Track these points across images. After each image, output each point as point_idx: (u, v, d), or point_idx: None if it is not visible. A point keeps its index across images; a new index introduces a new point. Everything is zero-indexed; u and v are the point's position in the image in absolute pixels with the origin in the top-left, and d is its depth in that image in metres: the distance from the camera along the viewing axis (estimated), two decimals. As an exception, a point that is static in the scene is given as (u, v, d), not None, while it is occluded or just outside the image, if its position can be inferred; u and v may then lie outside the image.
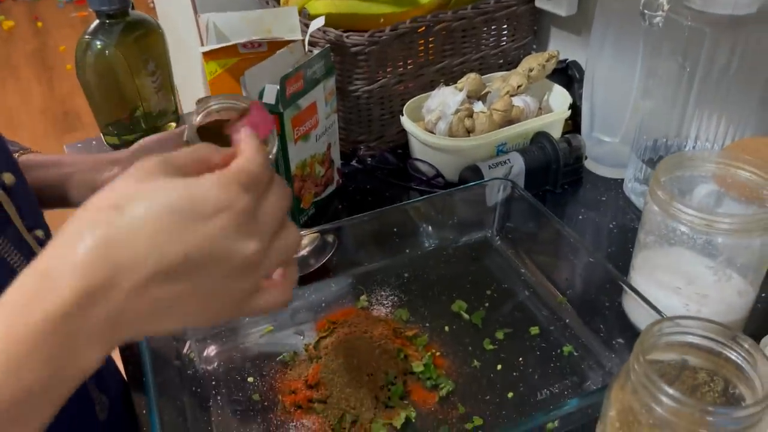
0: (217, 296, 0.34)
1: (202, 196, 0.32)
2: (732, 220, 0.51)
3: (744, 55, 0.63)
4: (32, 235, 0.50)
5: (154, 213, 0.32)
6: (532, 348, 0.60)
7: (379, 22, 0.87)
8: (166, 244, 0.31)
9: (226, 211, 0.33)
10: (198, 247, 0.32)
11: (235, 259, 0.33)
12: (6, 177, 0.49)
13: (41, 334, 0.29)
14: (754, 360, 0.41)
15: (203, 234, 0.32)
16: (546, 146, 0.80)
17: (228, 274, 0.33)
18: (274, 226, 0.35)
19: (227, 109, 0.53)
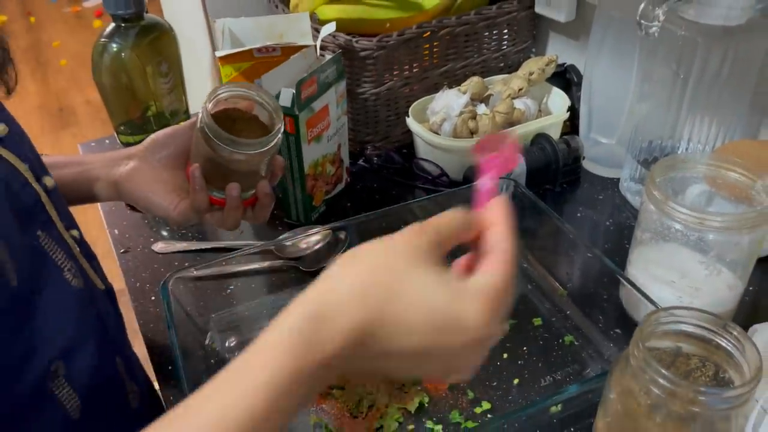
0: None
1: (465, 321, 0.35)
2: (722, 219, 0.55)
3: (734, 63, 0.67)
4: (70, 234, 0.53)
5: (419, 314, 0.35)
6: (536, 338, 0.64)
7: (385, 26, 0.91)
8: (416, 341, 0.35)
9: (481, 341, 0.36)
10: (443, 357, 0.36)
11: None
12: (47, 180, 0.52)
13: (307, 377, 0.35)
14: (743, 346, 0.45)
15: (451, 349, 0.36)
16: (546, 147, 0.84)
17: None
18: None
19: (237, 96, 0.58)
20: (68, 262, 0.51)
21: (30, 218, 0.49)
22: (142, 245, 0.79)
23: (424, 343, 0.36)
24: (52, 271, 0.49)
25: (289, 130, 0.72)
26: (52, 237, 0.50)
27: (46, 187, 0.51)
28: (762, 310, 0.66)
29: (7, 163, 0.48)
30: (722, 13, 0.64)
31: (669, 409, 0.44)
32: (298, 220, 0.80)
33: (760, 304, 0.67)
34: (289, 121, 0.72)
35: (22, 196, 0.48)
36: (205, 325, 0.66)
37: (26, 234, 0.48)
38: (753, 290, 0.68)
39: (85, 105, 3.08)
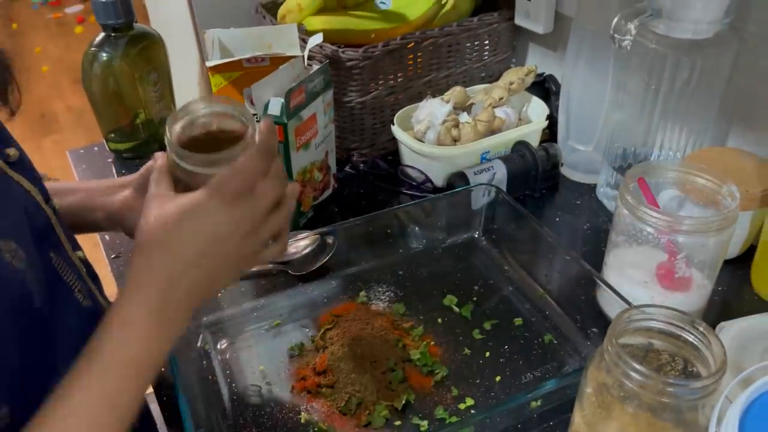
0: (231, 264, 0.48)
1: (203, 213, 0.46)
2: (690, 222, 0.58)
3: (702, 75, 0.71)
4: (77, 255, 0.55)
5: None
6: (516, 337, 0.67)
7: (370, 37, 0.93)
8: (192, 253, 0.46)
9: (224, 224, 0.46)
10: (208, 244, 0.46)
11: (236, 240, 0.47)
12: (54, 202, 0.54)
13: None
14: (709, 341, 0.48)
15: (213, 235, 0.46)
16: (526, 154, 0.87)
17: (235, 249, 0.47)
18: (267, 208, 0.48)
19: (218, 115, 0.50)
20: (78, 283, 0.53)
21: (43, 240, 0.51)
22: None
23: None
24: (65, 292, 0.52)
25: (278, 138, 0.74)
26: (62, 258, 0.52)
27: (54, 208, 0.53)
28: (729, 308, 0.69)
29: (21, 187, 0.50)
30: (690, 27, 0.68)
31: (641, 401, 0.46)
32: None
33: (727, 303, 0.70)
34: (278, 130, 0.74)
35: (36, 218, 0.50)
36: (198, 327, 0.68)
37: (42, 256, 0.50)
38: (721, 290, 0.71)
39: (67, 111, 3.07)
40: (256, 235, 0.48)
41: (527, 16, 0.97)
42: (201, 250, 0.46)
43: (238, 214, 0.46)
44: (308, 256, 0.75)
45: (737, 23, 0.71)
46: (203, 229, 0.46)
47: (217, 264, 0.47)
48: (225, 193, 0.46)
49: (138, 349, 0.44)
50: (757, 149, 0.76)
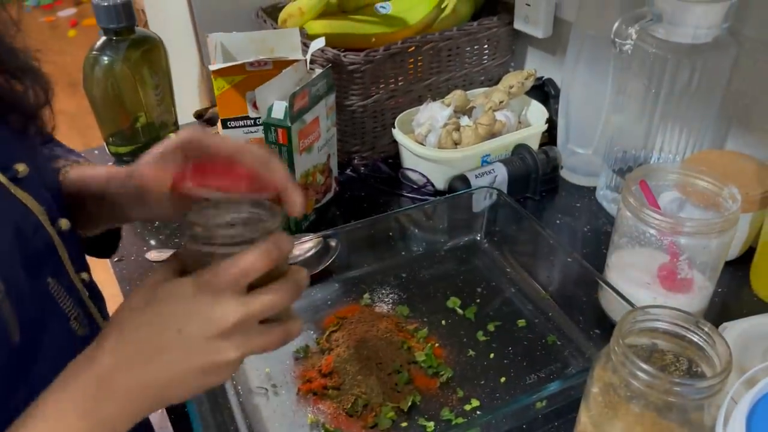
0: (191, 367, 0.40)
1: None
2: (692, 224, 0.59)
3: (701, 78, 0.72)
4: (80, 278, 0.53)
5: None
6: (520, 338, 0.67)
7: (371, 41, 0.94)
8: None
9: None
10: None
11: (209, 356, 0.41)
12: (62, 222, 0.51)
13: None
14: (713, 341, 0.48)
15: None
16: (526, 157, 0.88)
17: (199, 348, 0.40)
18: (253, 315, 0.41)
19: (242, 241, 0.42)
20: (75, 310, 0.51)
21: (41, 264, 0.48)
22: (136, 254, 0.80)
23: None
24: (60, 320, 0.49)
25: (282, 141, 0.75)
26: (61, 284, 0.49)
27: (60, 229, 0.50)
28: (730, 309, 0.70)
29: (22, 206, 0.47)
30: (690, 32, 0.69)
31: (647, 400, 0.47)
32: (289, 228, 0.83)
33: (728, 304, 0.71)
34: (282, 133, 0.74)
35: (34, 240, 0.47)
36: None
37: (36, 281, 0.47)
38: (722, 291, 0.72)
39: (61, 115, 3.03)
40: (230, 340, 0.40)
41: (526, 20, 0.98)
42: (156, 340, 0.40)
43: (215, 311, 0.40)
44: (311, 259, 0.75)
45: (736, 28, 0.72)
46: (165, 316, 0.40)
47: (173, 363, 0.40)
48: (206, 284, 0.40)
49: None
50: (755, 152, 0.77)
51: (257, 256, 0.40)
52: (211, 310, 0.40)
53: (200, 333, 0.40)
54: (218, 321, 0.40)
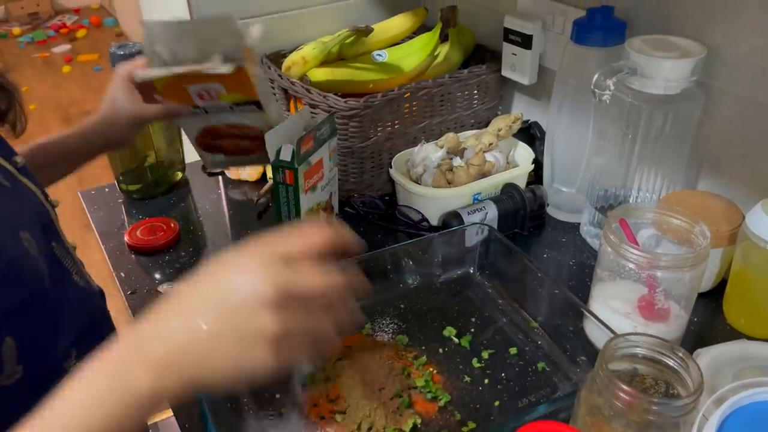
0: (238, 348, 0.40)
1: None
2: (667, 259, 0.65)
3: (673, 125, 0.79)
4: (70, 244, 0.66)
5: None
6: (512, 365, 0.72)
7: (369, 87, 1.01)
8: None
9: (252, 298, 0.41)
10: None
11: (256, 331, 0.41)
12: (53, 200, 0.64)
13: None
14: (687, 365, 0.54)
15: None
16: (514, 195, 0.94)
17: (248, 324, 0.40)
18: (314, 290, 0.42)
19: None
20: (74, 267, 0.64)
21: (47, 232, 0.60)
22: (148, 287, 0.85)
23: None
24: (65, 274, 0.62)
25: (289, 182, 0.80)
26: (61, 246, 0.62)
27: (53, 205, 0.63)
28: (705, 336, 0.76)
29: (30, 190, 0.60)
30: (662, 84, 0.76)
31: (629, 419, 0.52)
32: (293, 262, 0.88)
33: (703, 332, 0.77)
34: (289, 174, 0.80)
35: (41, 214, 0.60)
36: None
37: (48, 245, 0.59)
38: (697, 320, 0.78)
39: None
40: (290, 319, 0.40)
41: (513, 68, 1.05)
42: (203, 313, 0.40)
43: (271, 280, 0.40)
44: (315, 292, 0.80)
45: (703, 80, 0.79)
46: (219, 285, 0.41)
47: (221, 339, 0.40)
48: (273, 256, 0.41)
49: (80, 407, 0.40)
50: (725, 191, 0.83)
51: (324, 230, 0.43)
52: (266, 279, 0.40)
53: (249, 306, 0.40)
54: (271, 293, 0.40)
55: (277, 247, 0.43)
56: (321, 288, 0.42)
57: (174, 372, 0.41)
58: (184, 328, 0.41)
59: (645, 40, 0.79)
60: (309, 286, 0.42)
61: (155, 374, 0.40)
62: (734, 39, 0.78)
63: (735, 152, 0.83)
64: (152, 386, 0.40)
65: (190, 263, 0.89)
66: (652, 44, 0.78)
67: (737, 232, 0.75)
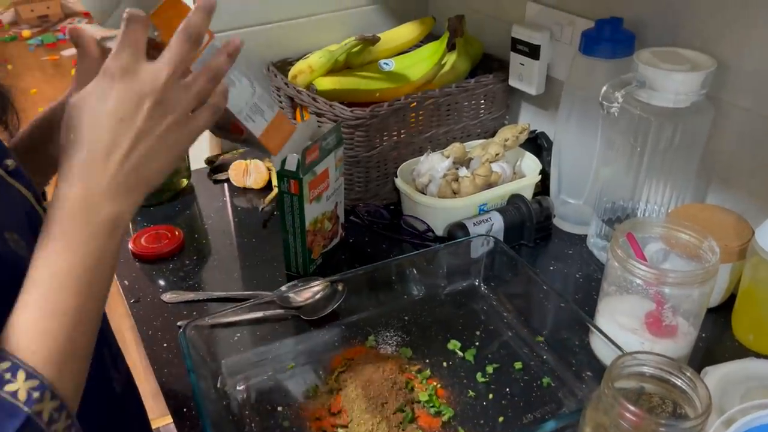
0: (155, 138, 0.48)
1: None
2: (675, 275, 0.64)
3: (682, 138, 0.78)
4: None
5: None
6: (517, 380, 0.72)
7: (375, 96, 1.00)
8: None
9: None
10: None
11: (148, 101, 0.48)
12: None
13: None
14: (695, 385, 0.53)
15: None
16: (521, 206, 0.93)
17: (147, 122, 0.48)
18: (172, 74, 0.48)
19: None
20: None
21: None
22: (152, 295, 0.84)
23: None
24: None
25: (294, 191, 0.80)
26: None
27: (8, 167, 0.60)
28: (713, 353, 0.75)
29: (20, 193, 0.58)
30: (671, 97, 0.75)
31: (635, 440, 0.51)
32: (298, 271, 0.87)
33: (711, 348, 0.76)
34: (294, 184, 0.79)
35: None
36: (217, 369, 0.72)
37: (12, 207, 0.57)
38: (705, 336, 0.77)
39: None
40: (167, 104, 0.48)
41: (520, 78, 1.05)
42: (110, 132, 0.47)
43: (136, 88, 0.47)
44: (319, 302, 0.79)
45: (713, 93, 0.78)
46: (104, 113, 0.47)
47: (140, 141, 0.47)
48: (111, 70, 0.47)
49: (65, 259, 0.46)
50: (734, 205, 0.82)
51: (127, 25, 0.48)
52: (133, 87, 0.47)
53: (135, 111, 0.47)
54: (143, 95, 0.47)
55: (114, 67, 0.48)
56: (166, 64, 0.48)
57: (120, 190, 0.48)
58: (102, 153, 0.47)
59: (654, 53, 0.78)
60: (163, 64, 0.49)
61: (111, 198, 0.47)
62: (744, 53, 0.77)
63: (745, 166, 0.82)
64: (112, 211, 0.47)
65: (195, 271, 0.89)
66: (661, 57, 0.77)
67: (747, 247, 0.74)
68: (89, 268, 0.46)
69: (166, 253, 0.91)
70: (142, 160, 0.48)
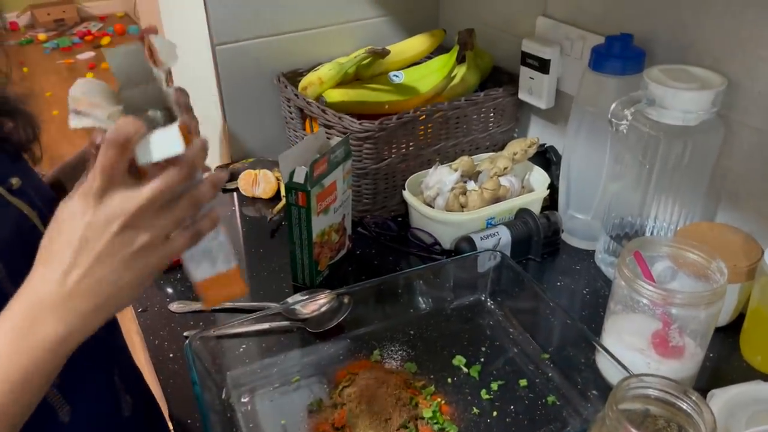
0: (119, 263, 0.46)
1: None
2: (682, 296, 0.64)
3: (692, 156, 0.78)
4: None
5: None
6: (522, 398, 0.71)
7: (384, 108, 1.01)
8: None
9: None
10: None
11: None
12: None
13: None
14: (700, 409, 0.52)
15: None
16: (528, 221, 0.93)
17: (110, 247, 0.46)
18: (148, 200, 0.46)
19: None
20: None
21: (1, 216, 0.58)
22: (159, 305, 0.85)
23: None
24: None
25: (301, 204, 0.80)
26: None
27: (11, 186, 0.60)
28: (721, 374, 0.74)
29: (18, 211, 0.59)
30: (680, 115, 0.75)
31: (639, 463, 0.51)
32: (304, 283, 0.88)
33: (719, 369, 0.75)
34: (302, 196, 0.80)
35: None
36: (222, 381, 0.72)
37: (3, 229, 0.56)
38: (713, 356, 0.76)
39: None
40: (138, 228, 0.46)
41: (530, 92, 1.05)
42: (73, 252, 0.46)
43: (104, 212, 0.46)
44: (325, 315, 0.79)
45: (723, 112, 0.78)
46: (72, 232, 0.46)
47: (101, 264, 0.46)
48: (85, 192, 0.46)
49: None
50: (743, 225, 0.82)
51: (103, 149, 0.45)
52: (102, 211, 0.46)
53: (101, 235, 0.45)
54: (112, 220, 0.46)
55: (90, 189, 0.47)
56: (144, 195, 0.46)
57: (71, 310, 0.46)
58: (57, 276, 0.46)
59: (664, 70, 0.78)
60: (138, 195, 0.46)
61: (58, 317, 0.46)
62: (755, 72, 0.77)
63: (755, 186, 0.82)
64: (58, 330, 0.45)
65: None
66: (670, 74, 0.77)
67: (756, 267, 0.74)
68: (15, 381, 0.44)
69: (175, 262, 0.91)
70: (101, 283, 0.46)
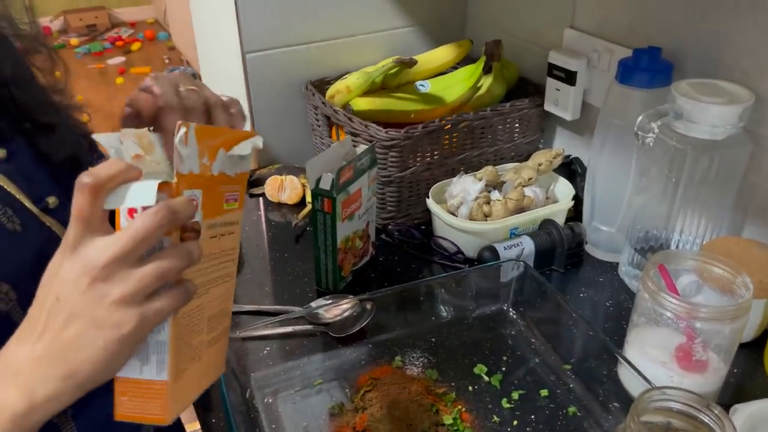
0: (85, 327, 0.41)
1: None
2: (707, 310, 0.64)
3: (719, 170, 0.77)
4: None
5: None
6: (542, 408, 0.71)
7: (410, 117, 1.02)
8: None
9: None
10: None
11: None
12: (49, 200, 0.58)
13: None
14: (723, 424, 0.52)
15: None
16: (552, 232, 0.93)
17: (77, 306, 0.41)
18: (116, 257, 0.40)
19: None
20: None
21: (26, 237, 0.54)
22: (186, 306, 0.86)
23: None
24: None
25: (327, 210, 0.81)
26: None
27: (47, 205, 0.57)
28: (744, 389, 0.74)
29: (50, 232, 0.55)
30: (707, 129, 0.75)
31: (660, 476, 0.51)
32: (328, 288, 0.89)
33: (742, 385, 0.74)
34: (327, 202, 0.81)
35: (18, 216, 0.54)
36: (247, 382, 0.74)
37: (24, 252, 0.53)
38: (737, 372, 0.75)
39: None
40: (111, 282, 0.40)
41: (556, 103, 1.05)
42: (47, 312, 0.41)
43: (75, 265, 0.40)
44: (348, 320, 0.80)
45: (751, 127, 0.78)
46: (48, 290, 0.42)
47: (71, 324, 0.40)
48: (64, 243, 0.41)
49: None
50: (770, 240, 0.81)
51: (75, 194, 0.40)
52: (72, 263, 0.41)
53: (73, 292, 0.40)
54: (82, 271, 0.40)
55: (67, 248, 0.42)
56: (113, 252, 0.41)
57: (38, 378, 0.41)
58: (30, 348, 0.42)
59: (691, 84, 0.78)
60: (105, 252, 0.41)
61: (22, 386, 0.41)
62: (785, 86, 0.76)
63: (783, 200, 0.81)
64: (18, 401, 0.41)
65: (228, 284, 0.91)
66: (698, 88, 0.77)
67: (782, 283, 0.73)
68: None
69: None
70: (70, 346, 0.40)
